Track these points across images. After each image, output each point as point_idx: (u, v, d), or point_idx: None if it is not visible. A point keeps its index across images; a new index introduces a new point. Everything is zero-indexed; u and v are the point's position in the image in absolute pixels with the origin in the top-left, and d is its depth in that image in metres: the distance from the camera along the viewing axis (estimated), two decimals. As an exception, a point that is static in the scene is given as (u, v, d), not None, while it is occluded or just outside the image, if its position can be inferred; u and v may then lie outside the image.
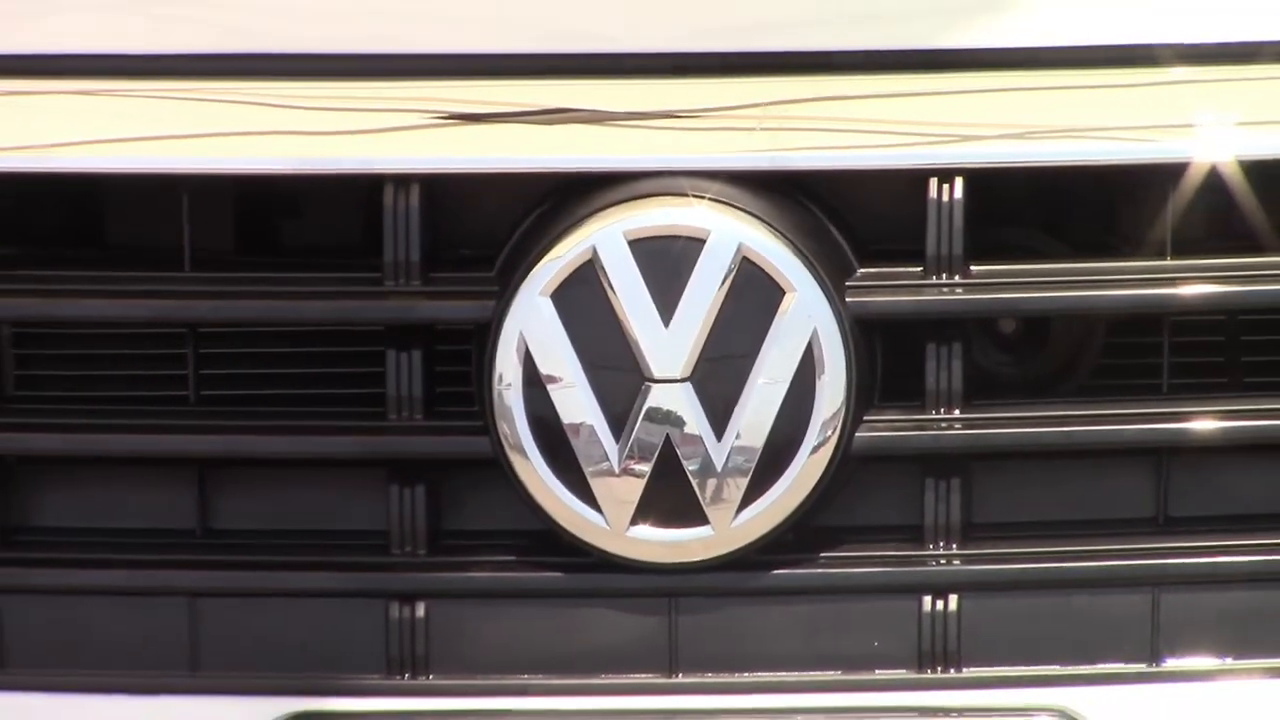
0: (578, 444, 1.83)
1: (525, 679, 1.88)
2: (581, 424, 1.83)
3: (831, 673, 1.88)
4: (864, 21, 1.91)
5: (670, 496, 1.84)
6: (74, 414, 1.93)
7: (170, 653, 1.89)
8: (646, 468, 1.82)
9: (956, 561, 1.89)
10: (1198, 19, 1.88)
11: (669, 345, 1.81)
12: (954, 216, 1.84)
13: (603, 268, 1.82)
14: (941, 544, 1.89)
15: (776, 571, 1.88)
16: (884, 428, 1.86)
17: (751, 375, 1.81)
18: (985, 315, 1.89)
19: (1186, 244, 1.86)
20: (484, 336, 1.84)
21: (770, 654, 1.89)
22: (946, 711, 1.88)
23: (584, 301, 1.83)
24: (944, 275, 1.85)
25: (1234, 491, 1.93)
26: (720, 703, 1.88)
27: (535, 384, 1.83)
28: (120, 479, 1.94)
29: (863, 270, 1.86)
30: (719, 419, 1.82)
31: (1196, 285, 1.84)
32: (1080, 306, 1.86)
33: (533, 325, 1.83)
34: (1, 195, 1.90)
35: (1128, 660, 1.88)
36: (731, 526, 1.83)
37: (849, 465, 1.85)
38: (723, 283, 1.80)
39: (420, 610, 1.88)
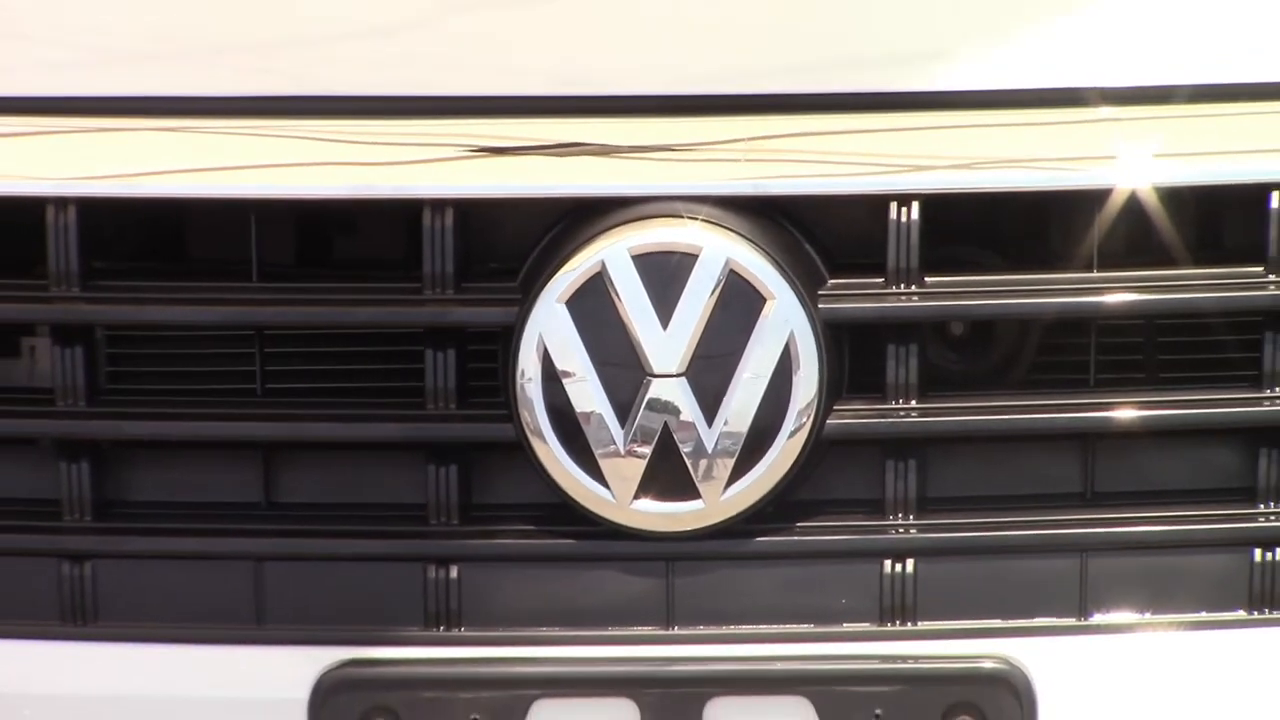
0: (589, 430, 1.96)
1: (543, 631, 2.02)
2: (592, 413, 1.96)
3: (806, 626, 2.01)
4: (832, 69, 2.03)
5: (668, 475, 1.97)
6: (158, 404, 2.06)
7: (239, 609, 2.03)
8: (647, 450, 1.96)
9: (913, 531, 2.02)
10: (1119, 66, 2.00)
11: (667, 345, 1.95)
12: (910, 235, 1.98)
13: (610, 279, 1.95)
14: (900, 516, 2.03)
15: (759, 539, 2.01)
16: (850, 416, 2.00)
17: (737, 371, 1.95)
18: (937, 319, 2.03)
19: (1109, 258, 1.99)
20: (508, 338, 1.97)
21: (753, 610, 2.02)
22: (904, 659, 2.00)
23: (594, 307, 1.96)
24: (902, 285, 1.99)
25: (1151, 470, 2.05)
26: (710, 651, 2.01)
27: (552, 378, 1.96)
28: (197, 460, 2.07)
29: (833, 281, 1.99)
30: (709, 408, 1.95)
31: (1118, 294, 1.97)
32: (1019, 312, 2.00)
33: (550, 328, 1.96)
34: (98, 216, 2.01)
35: (1060, 615, 2.01)
36: (720, 500, 1.97)
37: (821, 448, 1.99)
38: (713, 291, 1.94)
39: (454, 572, 2.01)
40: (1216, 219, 2.04)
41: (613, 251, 1.95)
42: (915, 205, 1.97)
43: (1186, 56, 2.04)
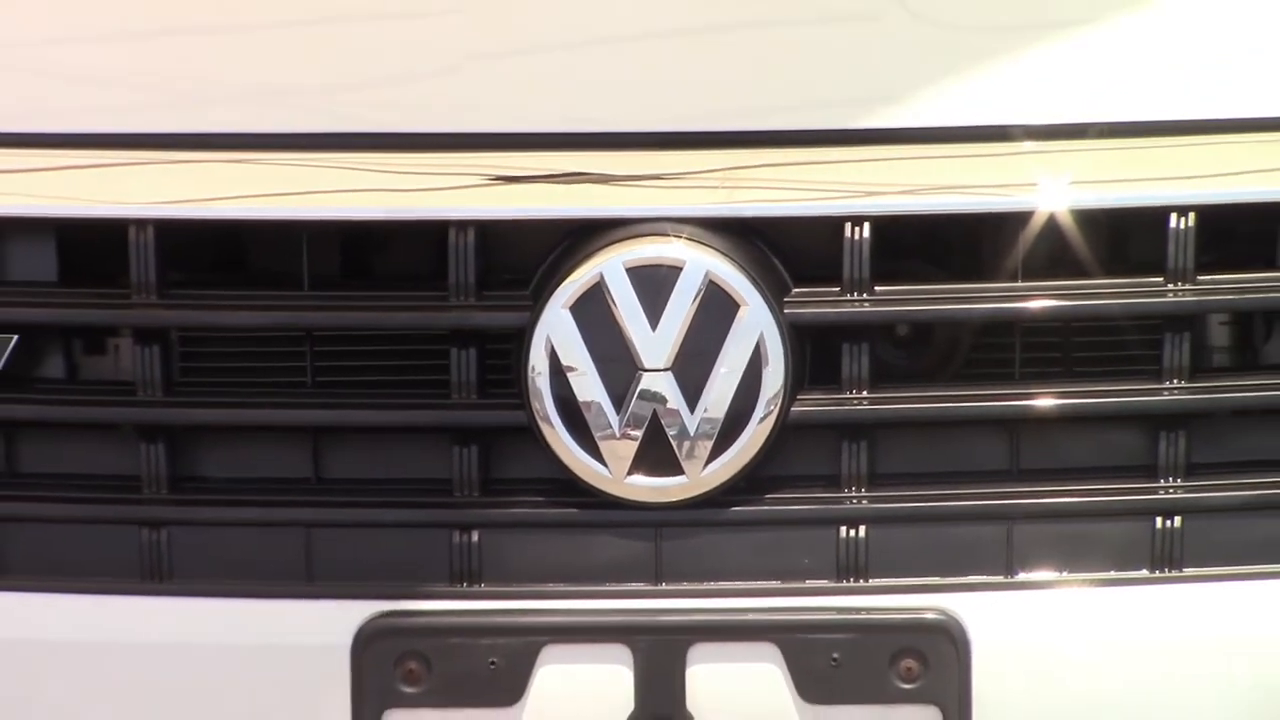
0: (589, 416, 2.10)
1: (550, 587, 2.15)
2: (592, 401, 2.10)
3: (774, 582, 2.15)
4: (797, 110, 2.16)
5: (656, 454, 2.11)
6: (224, 395, 2.20)
7: (291, 568, 2.17)
8: (639, 433, 2.10)
9: (864, 502, 2.16)
10: (1041, 107, 2.15)
11: (655, 344, 2.09)
12: (863, 251, 2.11)
13: (607, 288, 2.09)
14: (853, 489, 2.16)
15: (734, 509, 2.15)
16: (811, 405, 2.13)
17: (715, 366, 2.09)
18: (885, 322, 2.16)
19: (1032, 270, 2.12)
20: (521, 338, 2.11)
21: (729, 569, 2.15)
22: (857, 611, 2.13)
23: (594, 312, 2.10)
24: (855, 294, 2.12)
25: (1069, 451, 2.18)
26: (692, 604, 2.15)
27: (558, 372, 2.09)
28: (256, 442, 2.21)
29: (796, 290, 2.12)
30: (692, 397, 2.09)
31: (1039, 300, 2.11)
32: (955, 316, 2.14)
33: (557, 330, 2.10)
34: (172, 235, 2.14)
35: (990, 574, 2.15)
36: (701, 476, 2.11)
37: (786, 432, 2.12)
38: (694, 299, 2.08)
39: (475, 537, 2.15)
40: (1123, 236, 2.15)
41: (610, 265, 2.09)
42: (866, 225, 2.10)
43: (1097, 99, 2.16)
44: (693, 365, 2.10)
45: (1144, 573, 2.15)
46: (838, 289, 2.12)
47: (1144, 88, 2.17)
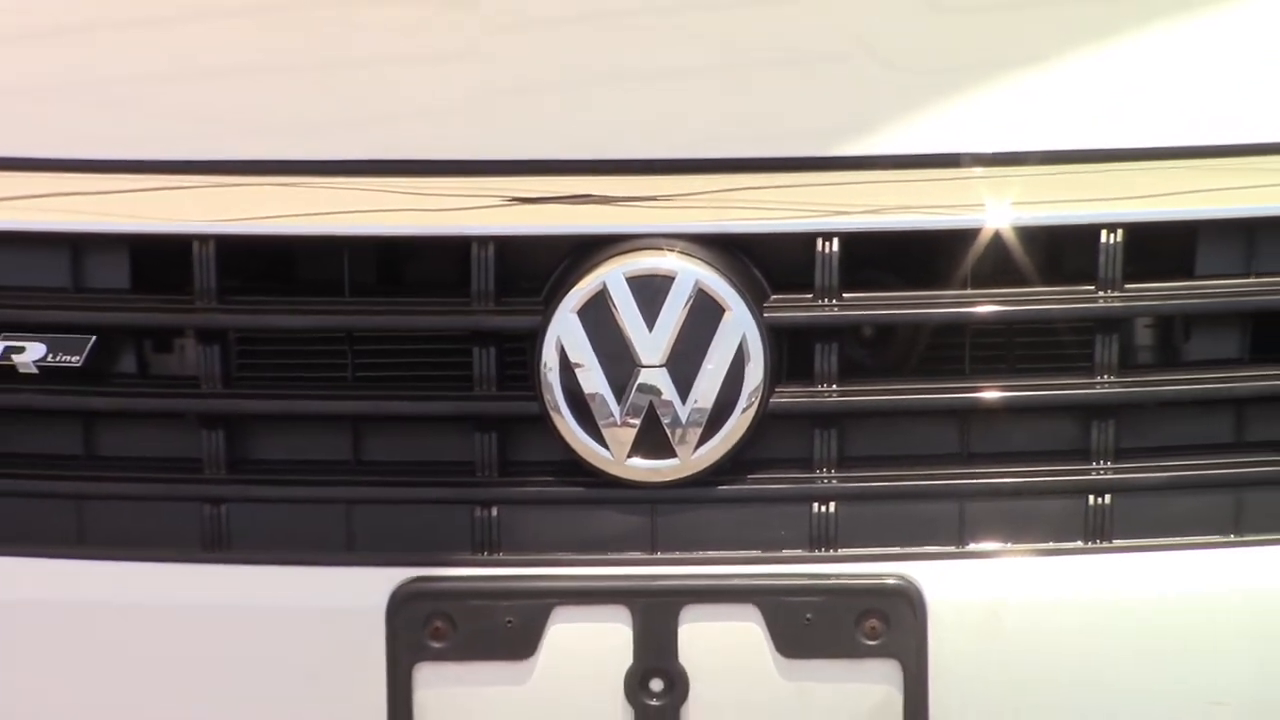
0: (594, 406, 2.17)
1: (559, 555, 2.21)
2: (596, 393, 2.17)
3: (754, 551, 2.21)
4: (775, 139, 2.25)
5: (652, 440, 2.17)
6: (275, 388, 2.26)
7: (334, 539, 2.24)
8: (637, 421, 2.16)
9: (834, 482, 2.22)
10: (987, 137, 2.23)
11: (652, 343, 2.16)
12: (832, 262, 2.17)
13: (610, 295, 2.16)
14: (824, 471, 2.23)
15: (720, 487, 2.21)
16: (788, 397, 2.19)
17: (704, 362, 2.16)
18: (852, 325, 2.22)
19: (980, 279, 2.20)
20: (534, 338, 2.17)
21: (715, 540, 2.22)
22: (828, 577, 2.20)
23: (598, 316, 2.16)
24: (826, 300, 2.19)
25: (1013, 437, 2.25)
26: (684, 571, 2.21)
27: (567, 368, 2.16)
28: (303, 430, 2.27)
29: (774, 296, 2.18)
30: (683, 390, 2.16)
31: (986, 306, 2.20)
32: (912, 320, 2.22)
33: (566, 331, 2.16)
34: (229, 248, 2.21)
35: (944, 545, 2.22)
36: (691, 458, 2.18)
37: (766, 421, 2.18)
38: (685, 304, 2.15)
39: (494, 512, 2.21)
40: (1060, 250, 2.22)
41: (612, 275, 2.16)
42: (835, 240, 2.16)
43: (1036, 130, 2.23)
44: (684, 362, 2.17)
45: (1078, 544, 2.22)
46: (810, 295, 2.18)
47: (1077, 120, 2.24)
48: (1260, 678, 2.23)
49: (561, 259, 2.23)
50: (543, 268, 2.24)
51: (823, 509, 2.24)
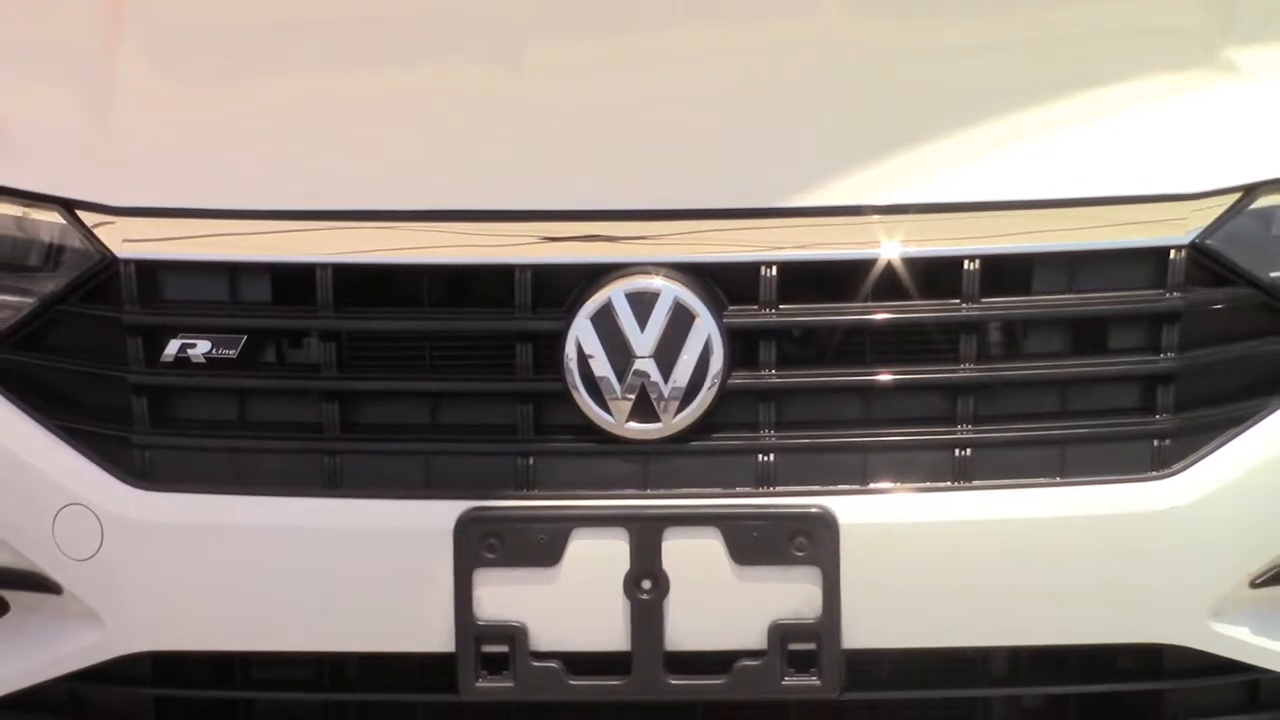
0: (602, 386, 2.54)
1: (577, 492, 2.57)
2: (604, 377, 2.54)
3: (716, 489, 2.57)
4: (731, 194, 2.62)
5: (644, 410, 2.54)
6: (375, 373, 2.62)
7: (417, 480, 2.60)
8: (633, 396, 2.54)
9: (773, 439, 2.58)
10: (883, 192, 2.60)
11: (643, 341, 2.54)
12: (772, 283, 2.53)
13: (613, 306, 2.54)
14: (766, 432, 2.58)
15: (692, 443, 2.57)
16: (739, 379, 2.56)
17: (681, 354, 2.54)
18: (786, 328, 2.58)
19: (879, 294, 2.57)
20: (559, 337, 2.53)
21: (688, 481, 2.57)
22: (769, 507, 2.55)
23: (605, 321, 2.53)
24: (768, 310, 2.56)
25: (902, 407, 2.61)
26: (665, 503, 2.55)
27: (583, 359, 2.53)
28: (396, 403, 2.62)
29: (731, 308, 2.55)
30: (666, 374, 2.54)
31: (882, 314, 2.59)
32: (829, 324, 2.59)
33: (582, 332, 2.54)
34: (341, 272, 2.55)
35: (851, 484, 2.58)
36: (672, 422, 2.55)
37: (724, 396, 2.55)
38: (668, 313, 2.53)
39: (531, 461, 2.57)
40: (935, 274, 2.58)
41: (615, 292, 2.54)
42: (775, 268, 2.54)
43: (919, 187, 2.62)
44: (666, 354, 2.53)
45: (948, 483, 2.59)
46: (756, 306, 2.55)
47: (950, 180, 2.64)
48: (1074, 573, 2.58)
49: (578, 281, 2.58)
50: (565, 287, 2.58)
51: (765, 459, 2.59)
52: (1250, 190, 2.65)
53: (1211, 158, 2.66)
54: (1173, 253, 2.59)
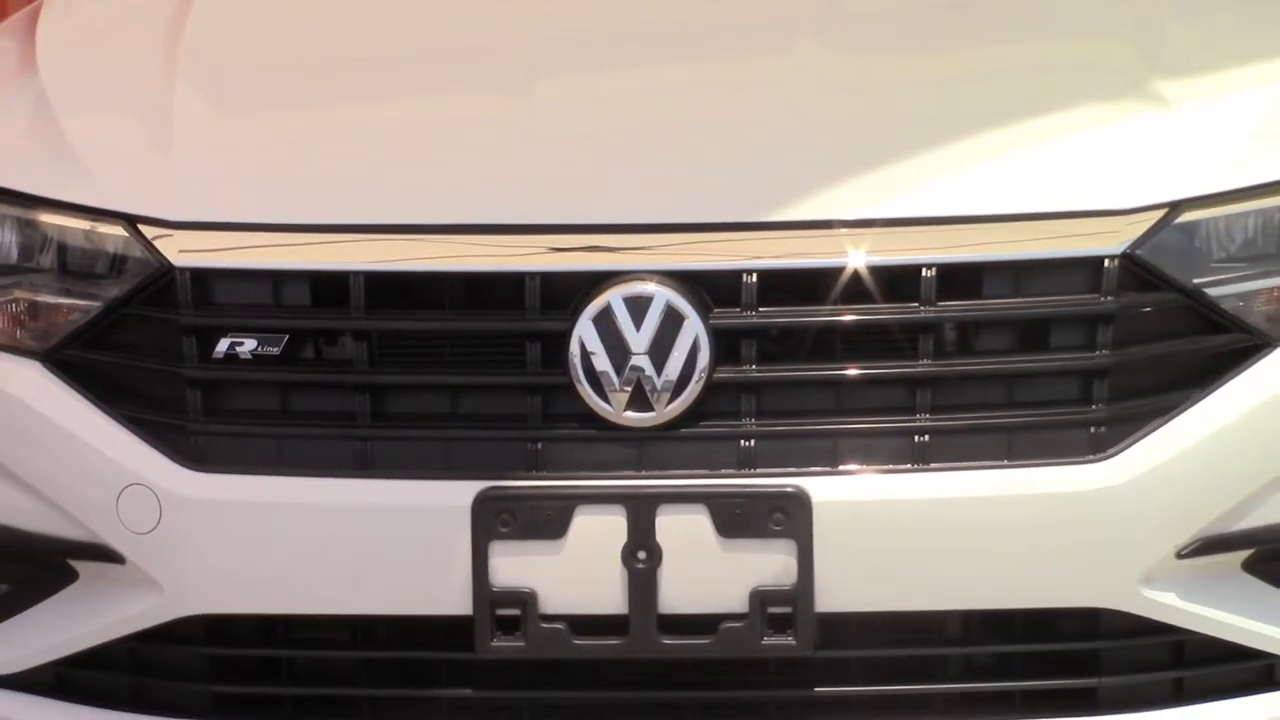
0: (602, 379, 2.70)
1: (580, 473, 2.72)
2: (604, 371, 2.71)
3: (703, 470, 2.74)
4: (716, 209, 2.79)
5: (640, 400, 2.71)
6: (401, 367, 2.78)
7: (439, 462, 2.76)
8: (629, 389, 2.70)
9: (754, 427, 2.74)
10: (850, 208, 2.78)
11: (639, 339, 2.71)
12: (752, 289, 2.70)
13: (612, 309, 2.71)
14: (748, 420, 2.75)
15: (682, 430, 2.74)
16: (724, 373, 2.71)
17: (672, 351, 2.70)
18: (764, 328, 2.74)
19: (848, 299, 2.73)
20: (565, 336, 2.69)
21: (679, 463, 2.74)
22: (750, 487, 2.71)
23: (605, 322, 2.71)
24: (749, 312, 2.72)
25: (868, 398, 2.77)
26: (659, 483, 2.71)
27: (585, 355, 2.70)
28: (420, 394, 2.79)
29: (716, 310, 2.71)
30: (659, 369, 2.71)
31: (849, 315, 2.75)
32: (803, 324, 2.73)
33: (585, 331, 2.72)
34: (371, 279, 2.71)
35: (824, 466, 2.74)
36: (664, 412, 2.73)
37: (710, 388, 2.70)
38: (660, 315, 2.70)
39: (539, 445, 2.74)
40: (896, 280, 2.75)
41: (614, 296, 2.72)
42: (755, 275, 2.71)
43: (884, 203, 2.79)
44: (659, 351, 2.72)
45: (908, 466, 2.75)
46: (739, 309, 2.73)
47: (907, 197, 2.82)
48: (1020, 545, 2.78)
49: (581, 286, 2.77)
50: (570, 292, 2.77)
51: (747, 444, 2.77)
52: (1175, 206, 2.83)
53: (1141, 178, 2.84)
54: (1107, 262, 2.78)
